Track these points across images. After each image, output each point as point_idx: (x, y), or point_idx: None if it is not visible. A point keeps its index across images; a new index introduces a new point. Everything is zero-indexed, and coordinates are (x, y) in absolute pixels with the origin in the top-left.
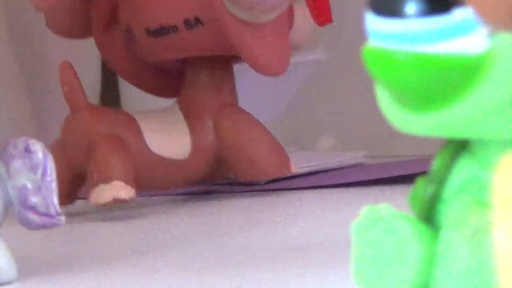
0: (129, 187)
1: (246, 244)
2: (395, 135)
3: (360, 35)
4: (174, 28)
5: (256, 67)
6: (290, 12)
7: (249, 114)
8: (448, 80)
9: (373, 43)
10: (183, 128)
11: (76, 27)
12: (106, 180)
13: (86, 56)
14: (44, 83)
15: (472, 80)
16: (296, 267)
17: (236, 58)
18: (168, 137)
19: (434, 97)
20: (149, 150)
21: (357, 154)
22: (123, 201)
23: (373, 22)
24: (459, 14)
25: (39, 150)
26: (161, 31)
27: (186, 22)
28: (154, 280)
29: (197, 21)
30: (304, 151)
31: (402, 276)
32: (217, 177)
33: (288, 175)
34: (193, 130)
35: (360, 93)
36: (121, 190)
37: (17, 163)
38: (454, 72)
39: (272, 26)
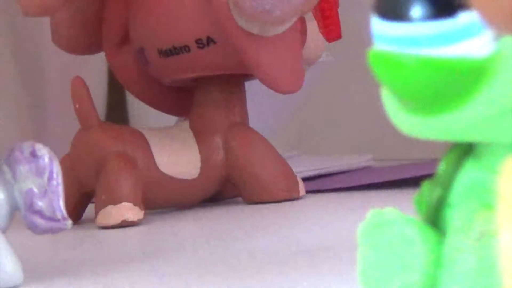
0: (137, 209)
1: (253, 247)
2: (401, 139)
3: (366, 38)
4: (186, 48)
5: (270, 85)
6: (302, 28)
7: (260, 134)
8: (453, 83)
9: (378, 46)
10: (193, 147)
11: (82, 43)
12: (115, 201)
13: (93, 71)
14: (51, 101)
15: (477, 83)
16: (303, 270)
17: (248, 76)
18: (177, 156)
19: (439, 101)
20: (158, 170)
21: (364, 157)
22: (132, 223)
23: (379, 26)
24: (464, 18)
25: (45, 154)
26: (173, 51)
27: (198, 42)
28: (161, 284)
29: (210, 40)
30: (311, 154)
31: (408, 279)
32: (225, 195)
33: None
34: (202, 149)
35: (367, 96)
36: (129, 212)
37: (23, 168)
38: (459, 75)
39: (285, 42)
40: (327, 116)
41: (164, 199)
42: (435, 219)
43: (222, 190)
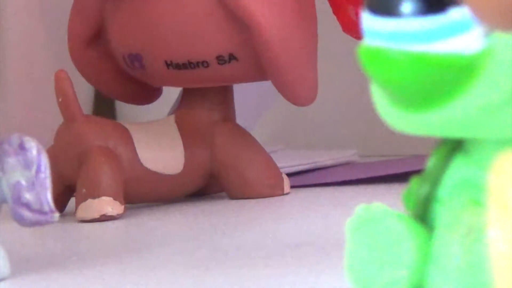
0: (117, 203)
1: (240, 242)
2: (385, 134)
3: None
4: (205, 63)
5: (293, 100)
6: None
7: (246, 131)
8: (443, 79)
9: (368, 42)
10: (177, 142)
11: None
12: (95, 195)
13: None
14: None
15: (467, 79)
16: (290, 266)
17: None
18: (160, 151)
19: (429, 96)
20: (141, 164)
21: (347, 152)
22: (111, 217)
23: (369, 21)
24: (454, 14)
25: (33, 147)
26: (187, 66)
27: (219, 58)
28: (148, 278)
29: (232, 57)
30: (295, 148)
31: (396, 274)
32: (210, 191)
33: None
34: (187, 145)
35: (352, 90)
36: (109, 206)
37: (11, 160)
38: (449, 71)
39: (310, 52)
40: (312, 110)
41: (147, 194)
42: (423, 215)
43: (207, 185)
